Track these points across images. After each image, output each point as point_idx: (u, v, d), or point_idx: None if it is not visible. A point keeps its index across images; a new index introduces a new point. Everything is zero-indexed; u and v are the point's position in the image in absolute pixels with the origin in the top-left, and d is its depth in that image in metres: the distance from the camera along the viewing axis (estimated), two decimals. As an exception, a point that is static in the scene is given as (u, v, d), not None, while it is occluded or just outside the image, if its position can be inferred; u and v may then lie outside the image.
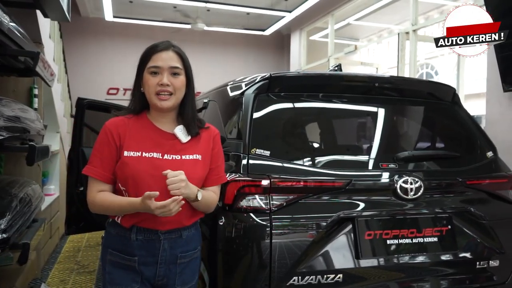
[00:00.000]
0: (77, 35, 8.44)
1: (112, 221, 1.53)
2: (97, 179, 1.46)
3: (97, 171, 1.46)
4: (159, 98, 1.46)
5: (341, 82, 2.12)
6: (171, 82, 1.46)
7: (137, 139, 1.48)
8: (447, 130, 2.29)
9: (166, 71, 1.46)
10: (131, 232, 1.47)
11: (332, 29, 7.85)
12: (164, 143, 1.50)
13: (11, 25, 2.22)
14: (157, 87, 1.45)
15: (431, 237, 1.88)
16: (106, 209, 1.46)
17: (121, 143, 1.46)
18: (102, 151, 1.47)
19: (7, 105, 2.39)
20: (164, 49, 1.48)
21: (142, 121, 1.53)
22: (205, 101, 2.65)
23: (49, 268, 4.03)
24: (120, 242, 1.49)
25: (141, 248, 1.46)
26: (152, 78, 1.47)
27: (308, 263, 1.70)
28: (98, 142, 1.49)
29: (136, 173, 1.42)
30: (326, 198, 1.78)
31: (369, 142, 2.05)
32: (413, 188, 1.85)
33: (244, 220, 1.69)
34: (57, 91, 5.01)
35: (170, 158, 1.47)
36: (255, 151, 1.79)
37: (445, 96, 2.30)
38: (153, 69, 1.47)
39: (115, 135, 1.47)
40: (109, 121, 1.52)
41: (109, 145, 1.46)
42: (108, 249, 1.52)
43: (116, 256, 1.49)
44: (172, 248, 1.49)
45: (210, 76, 8.68)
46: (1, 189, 2.57)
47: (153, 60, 1.47)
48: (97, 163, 1.46)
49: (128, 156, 1.45)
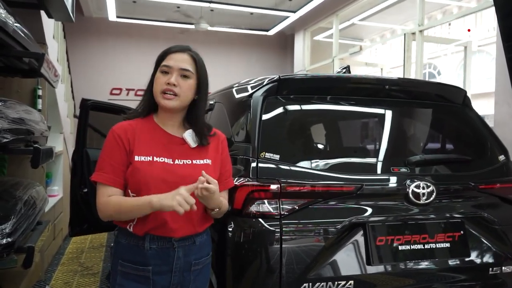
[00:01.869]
0: (80, 35, 8.43)
1: (121, 230, 1.48)
2: (109, 185, 1.41)
3: (109, 177, 1.41)
4: (163, 97, 1.43)
5: (350, 84, 2.09)
6: (179, 83, 1.44)
7: (146, 143, 1.45)
8: (458, 133, 2.25)
9: (176, 72, 1.44)
10: (144, 240, 1.42)
11: (337, 29, 7.81)
12: (174, 147, 1.47)
13: (16, 26, 2.20)
14: (164, 85, 1.43)
15: (443, 243, 1.85)
16: (119, 211, 1.39)
17: (131, 148, 1.43)
18: (112, 156, 1.42)
19: (11, 107, 2.37)
20: (179, 50, 1.47)
21: (149, 125, 1.50)
22: (211, 102, 2.62)
23: (52, 270, 4.00)
24: (132, 252, 1.43)
25: (155, 257, 1.42)
26: (161, 77, 1.45)
27: (318, 270, 1.67)
28: (107, 147, 1.45)
29: (148, 178, 1.39)
30: (337, 203, 1.74)
31: (379, 145, 2.01)
32: (425, 192, 1.82)
33: (254, 225, 1.66)
34: (61, 91, 4.99)
35: (181, 162, 1.45)
36: (264, 155, 1.76)
37: (455, 99, 2.26)
38: (164, 68, 1.45)
39: (124, 139, 1.43)
40: (117, 126, 1.48)
41: (119, 150, 1.42)
42: (118, 260, 1.46)
43: (127, 267, 1.43)
44: (186, 256, 1.46)
45: (213, 76, 8.62)
46: (5, 191, 2.55)
47: (167, 59, 1.47)
48: (108, 169, 1.41)
49: (140, 161, 1.41)
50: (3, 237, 1.99)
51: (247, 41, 10.08)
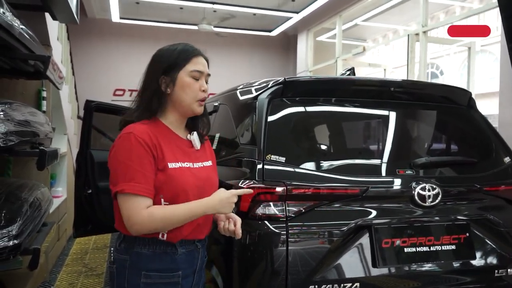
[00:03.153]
0: (83, 36, 8.45)
1: (142, 239, 1.36)
2: (146, 196, 1.30)
3: (145, 188, 1.29)
4: (199, 103, 1.43)
5: (355, 86, 2.09)
6: (206, 89, 1.45)
7: (170, 149, 1.39)
8: (463, 135, 2.25)
9: (205, 77, 1.45)
10: (174, 246, 1.38)
11: (340, 30, 7.80)
12: (187, 150, 1.46)
13: (22, 28, 2.21)
14: (200, 93, 1.41)
15: (449, 245, 1.85)
16: (168, 223, 1.31)
17: (159, 154, 1.34)
18: (142, 164, 1.30)
19: (17, 109, 2.38)
20: (200, 54, 1.45)
21: (161, 128, 1.43)
22: (215, 104, 2.62)
23: (57, 271, 4.02)
24: (159, 261, 1.37)
25: (184, 261, 1.41)
26: (195, 83, 1.41)
27: (324, 272, 1.67)
28: (133, 154, 1.31)
29: (185, 185, 1.35)
30: (342, 205, 1.75)
31: (385, 147, 2.01)
32: (431, 195, 1.82)
33: (260, 228, 1.66)
34: (65, 93, 5.01)
35: (197, 166, 1.44)
36: (270, 157, 1.76)
37: (460, 100, 2.26)
38: (196, 73, 1.41)
39: (151, 145, 1.33)
40: (137, 130, 1.34)
41: (148, 157, 1.32)
42: (141, 272, 1.35)
43: (154, 277, 1.35)
44: (203, 254, 1.50)
45: (216, 77, 8.65)
46: (11, 193, 2.55)
47: (195, 63, 1.41)
48: (140, 179, 1.29)
49: (173, 168, 1.35)
50: (9, 239, 2.00)
51: (250, 41, 10.09)
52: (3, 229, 2.02)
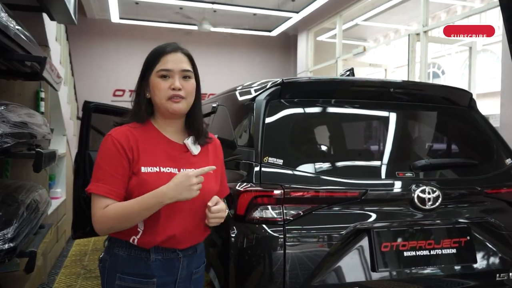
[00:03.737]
0: (82, 36, 8.44)
1: (119, 241, 1.37)
2: (109, 197, 1.28)
3: (110, 189, 1.29)
4: (172, 101, 1.35)
5: (355, 87, 2.06)
6: (183, 85, 1.36)
7: (150, 152, 1.36)
8: (464, 137, 2.22)
9: (177, 74, 1.36)
10: (149, 252, 1.35)
11: (340, 30, 7.78)
12: (177, 156, 1.40)
13: (18, 29, 2.19)
14: (169, 91, 1.35)
15: (449, 249, 1.82)
16: (123, 219, 1.28)
17: (134, 157, 1.33)
18: (112, 165, 1.30)
19: (13, 111, 2.36)
20: (173, 50, 1.38)
21: (149, 131, 1.41)
22: (213, 105, 2.60)
23: (55, 272, 4.00)
24: (134, 264, 1.34)
25: (160, 268, 1.36)
26: (163, 82, 1.35)
27: (322, 276, 1.65)
28: (106, 155, 1.32)
29: None
30: (341, 208, 1.72)
31: (384, 150, 1.99)
32: (431, 198, 1.79)
33: (257, 231, 1.64)
34: (64, 93, 4.99)
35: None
36: (268, 160, 1.74)
37: (461, 101, 2.23)
38: (163, 72, 1.35)
39: (126, 148, 1.31)
40: (116, 132, 1.34)
41: (121, 159, 1.30)
42: (116, 274, 1.34)
43: (128, 281, 1.33)
44: (189, 265, 1.42)
45: (216, 77, 8.66)
46: (8, 195, 2.54)
47: (162, 62, 1.35)
48: (108, 180, 1.29)
49: (147, 172, 1.31)
50: (5, 242, 1.98)
51: (250, 41, 10.07)
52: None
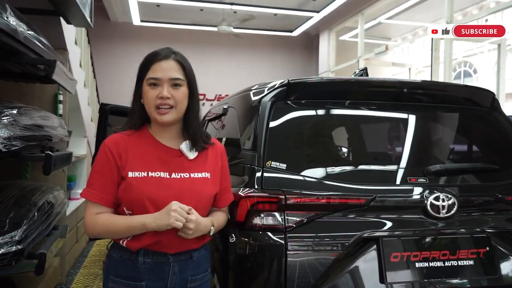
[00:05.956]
0: (106, 39, 8.61)
1: (114, 244, 1.41)
2: (97, 203, 1.34)
3: (97, 195, 1.33)
4: (159, 112, 1.35)
5: (365, 88, 1.96)
6: (172, 94, 1.35)
7: (141, 157, 1.36)
8: (484, 140, 2.07)
9: (166, 83, 1.35)
10: (138, 255, 1.35)
11: (362, 29, 7.61)
12: (170, 160, 1.39)
13: (28, 33, 2.21)
14: (157, 100, 1.34)
15: (466, 260, 1.69)
16: (109, 231, 1.33)
17: (122, 163, 1.35)
18: (102, 172, 1.35)
19: (26, 114, 2.38)
20: (164, 57, 1.37)
21: (144, 137, 1.42)
22: (224, 107, 2.55)
23: (74, 273, 4.06)
24: (125, 267, 1.36)
25: (149, 272, 1.35)
26: (151, 91, 1.35)
27: (326, 287, 1.56)
28: (97, 162, 1.37)
29: (143, 195, 1.31)
30: (346, 216, 1.63)
31: (395, 153, 1.88)
32: (445, 205, 1.67)
33: (257, 238, 1.57)
34: (84, 96, 5.08)
35: (179, 176, 1.37)
36: (270, 164, 1.67)
37: (483, 102, 2.09)
38: (152, 80, 1.35)
39: (115, 154, 1.35)
40: (108, 139, 1.40)
41: (110, 165, 1.34)
42: (109, 276, 1.38)
43: (119, 283, 1.35)
44: (182, 272, 1.38)
45: (238, 78, 8.65)
46: (23, 197, 2.57)
47: (152, 70, 1.36)
48: (96, 186, 1.34)
49: (133, 177, 1.33)
50: (12, 245, 2.00)
51: (271, 42, 10.01)
52: (6, 234, 2.02)
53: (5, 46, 2.00)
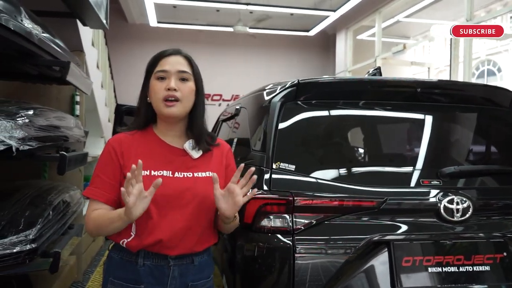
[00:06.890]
0: (124, 41, 8.73)
1: (115, 244, 1.41)
2: (98, 200, 1.34)
3: (98, 192, 1.34)
4: (165, 105, 1.35)
5: (377, 88, 1.92)
6: (179, 87, 1.35)
7: (144, 156, 1.35)
8: (502, 141, 2.00)
9: (174, 75, 1.36)
10: (138, 256, 1.35)
11: (380, 28, 7.49)
12: (174, 159, 1.39)
13: (43, 35, 2.25)
14: (164, 91, 1.35)
15: (482, 265, 1.63)
16: (96, 226, 1.32)
17: (125, 162, 1.35)
18: (104, 171, 1.36)
19: (41, 114, 2.42)
20: (172, 53, 1.40)
21: (148, 137, 1.42)
22: (237, 107, 2.54)
23: (91, 271, 4.12)
24: (124, 269, 1.35)
25: (148, 274, 1.34)
26: (158, 83, 1.36)
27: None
28: (100, 161, 1.38)
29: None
30: (356, 218, 1.60)
31: (408, 155, 1.83)
32: (460, 208, 1.62)
33: (264, 241, 1.55)
34: (101, 97, 5.16)
35: (181, 176, 1.36)
36: (279, 165, 1.65)
37: (502, 101, 2.02)
38: (160, 73, 1.37)
39: (118, 153, 1.36)
40: (112, 138, 1.41)
41: (112, 164, 1.36)
42: (109, 278, 1.37)
43: (118, 285, 1.35)
44: (183, 276, 1.37)
45: (254, 79, 8.63)
46: (39, 196, 2.62)
47: (160, 65, 1.38)
48: (98, 184, 1.35)
49: None
50: (26, 243, 2.03)
51: (288, 42, 9.97)
52: (21, 233, 2.06)
53: (20, 48, 2.05)
